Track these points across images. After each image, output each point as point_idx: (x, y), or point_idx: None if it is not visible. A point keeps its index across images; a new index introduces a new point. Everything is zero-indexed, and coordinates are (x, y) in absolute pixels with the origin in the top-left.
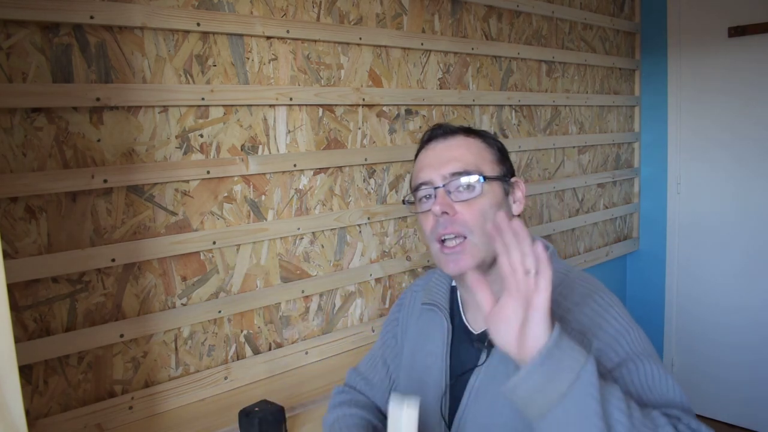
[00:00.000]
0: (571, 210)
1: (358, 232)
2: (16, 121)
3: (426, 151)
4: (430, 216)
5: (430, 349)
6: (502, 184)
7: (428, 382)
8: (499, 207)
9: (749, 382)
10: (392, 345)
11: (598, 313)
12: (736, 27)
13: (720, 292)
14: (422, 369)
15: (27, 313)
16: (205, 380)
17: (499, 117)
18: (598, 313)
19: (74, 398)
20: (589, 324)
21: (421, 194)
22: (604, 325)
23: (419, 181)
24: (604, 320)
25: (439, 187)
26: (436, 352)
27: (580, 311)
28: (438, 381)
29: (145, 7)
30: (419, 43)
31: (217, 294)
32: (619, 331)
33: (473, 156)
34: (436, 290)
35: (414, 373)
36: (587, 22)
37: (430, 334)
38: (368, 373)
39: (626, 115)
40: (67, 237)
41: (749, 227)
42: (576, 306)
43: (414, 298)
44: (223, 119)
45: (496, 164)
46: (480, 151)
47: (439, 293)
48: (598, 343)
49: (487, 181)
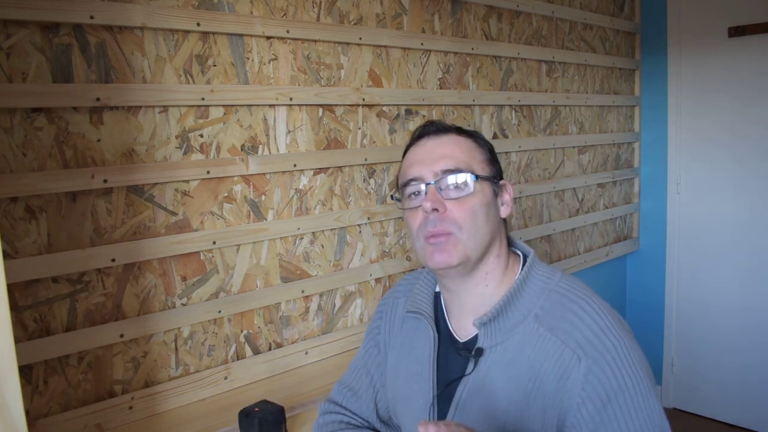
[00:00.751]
0: (571, 210)
1: (358, 232)
2: (16, 121)
3: (416, 147)
4: (419, 212)
5: (415, 358)
6: (492, 185)
7: (415, 392)
8: (488, 207)
9: (749, 383)
10: (374, 354)
11: (585, 325)
12: (736, 27)
13: (720, 292)
14: (408, 378)
15: (27, 313)
16: (205, 380)
17: (499, 117)
18: (585, 324)
19: (74, 398)
20: (575, 342)
21: (410, 190)
22: (591, 348)
23: (409, 177)
24: (595, 338)
25: (430, 184)
26: (422, 361)
27: (563, 326)
28: (425, 391)
29: (145, 7)
30: (419, 43)
31: (217, 294)
32: (608, 350)
33: (464, 154)
34: (420, 297)
35: (400, 382)
36: (587, 22)
37: (415, 343)
38: (353, 383)
39: (626, 115)
40: (67, 237)
41: (749, 227)
42: (559, 321)
43: (395, 305)
44: (223, 119)
45: (486, 164)
46: (471, 150)
47: (423, 300)
48: (586, 362)
49: (478, 180)
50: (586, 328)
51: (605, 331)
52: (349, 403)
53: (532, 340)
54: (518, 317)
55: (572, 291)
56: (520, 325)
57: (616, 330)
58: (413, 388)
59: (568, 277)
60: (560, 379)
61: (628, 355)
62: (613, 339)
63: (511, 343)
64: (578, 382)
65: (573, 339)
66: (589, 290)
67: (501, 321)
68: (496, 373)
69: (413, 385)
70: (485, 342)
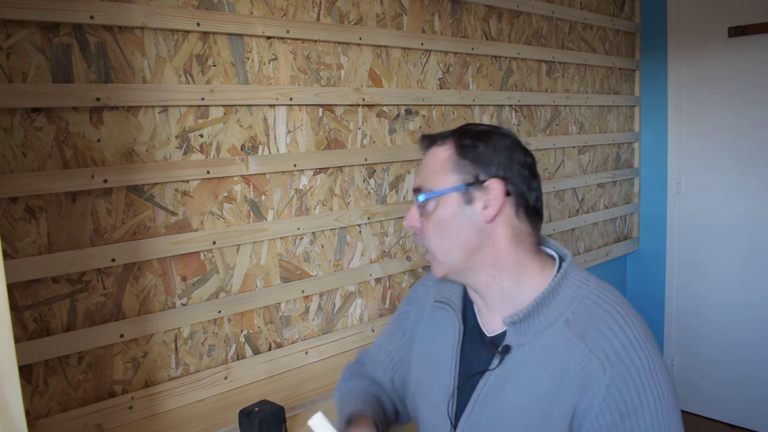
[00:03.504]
0: (571, 210)
1: (358, 232)
2: (16, 121)
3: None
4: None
5: (440, 348)
6: (461, 194)
7: (437, 380)
8: (455, 219)
9: (749, 382)
10: (399, 337)
11: (614, 336)
12: (736, 27)
13: (720, 291)
14: (432, 367)
15: (27, 313)
16: (205, 380)
17: (499, 117)
18: (615, 335)
19: (74, 398)
20: (602, 351)
21: None
22: (618, 360)
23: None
24: (623, 351)
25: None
26: (445, 352)
27: (593, 334)
28: (446, 381)
29: (145, 7)
30: (419, 43)
31: (217, 294)
32: (635, 364)
33: (429, 171)
34: (449, 288)
35: (424, 370)
36: (587, 22)
37: (441, 333)
38: (375, 356)
39: (626, 115)
40: (67, 237)
41: (749, 227)
42: (590, 328)
43: (426, 293)
44: (223, 119)
45: (455, 173)
46: (442, 162)
47: (452, 291)
48: (611, 373)
49: (434, 198)
50: (616, 339)
51: (634, 345)
52: (371, 370)
53: (560, 344)
54: (549, 320)
55: (606, 300)
56: (549, 327)
57: (645, 345)
58: (435, 377)
59: (603, 284)
60: (583, 385)
61: (653, 371)
62: (641, 353)
63: (539, 345)
64: (600, 391)
65: (601, 348)
66: (623, 300)
67: (531, 322)
68: (520, 372)
69: (435, 375)
70: (513, 340)
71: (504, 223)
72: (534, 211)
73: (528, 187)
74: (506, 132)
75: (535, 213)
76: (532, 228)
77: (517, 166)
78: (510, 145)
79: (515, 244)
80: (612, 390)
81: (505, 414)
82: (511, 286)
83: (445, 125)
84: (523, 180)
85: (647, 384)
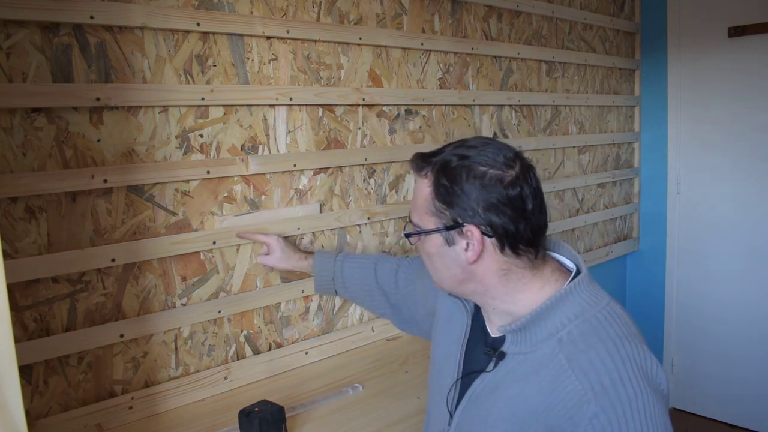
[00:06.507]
0: (571, 210)
1: (358, 232)
2: (16, 121)
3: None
4: None
5: (452, 338)
6: (441, 234)
7: (445, 369)
8: (441, 256)
9: (749, 382)
10: (429, 289)
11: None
12: (736, 27)
13: (720, 291)
14: (443, 356)
15: (27, 313)
16: (205, 380)
17: (499, 117)
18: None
19: (74, 398)
20: (588, 383)
21: None
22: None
23: None
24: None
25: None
26: (455, 343)
27: (582, 361)
28: (452, 372)
29: (145, 7)
30: (419, 43)
31: (217, 294)
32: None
33: (415, 205)
34: None
35: (438, 356)
36: (587, 22)
37: (452, 324)
38: (408, 266)
39: (626, 115)
40: (67, 237)
41: (749, 227)
42: (579, 354)
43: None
44: (223, 119)
45: (436, 216)
46: (424, 202)
47: None
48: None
49: (414, 236)
50: (605, 373)
51: (624, 382)
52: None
53: (550, 363)
54: (544, 334)
55: (607, 328)
56: (545, 342)
57: (636, 383)
58: (444, 366)
59: (613, 308)
60: (566, 411)
61: (641, 410)
62: (630, 391)
63: (533, 357)
64: (582, 422)
65: (588, 379)
66: (629, 330)
67: (528, 333)
68: (512, 381)
69: (445, 364)
70: (510, 348)
71: (489, 259)
72: (526, 241)
73: (514, 222)
74: (489, 161)
75: (528, 242)
76: (526, 255)
77: (498, 206)
78: (489, 183)
79: (504, 277)
80: (595, 423)
81: (493, 419)
82: (507, 306)
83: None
84: (508, 217)
85: (632, 423)
